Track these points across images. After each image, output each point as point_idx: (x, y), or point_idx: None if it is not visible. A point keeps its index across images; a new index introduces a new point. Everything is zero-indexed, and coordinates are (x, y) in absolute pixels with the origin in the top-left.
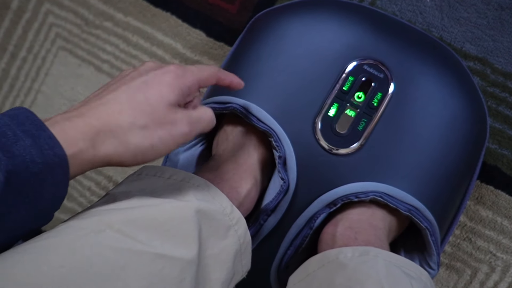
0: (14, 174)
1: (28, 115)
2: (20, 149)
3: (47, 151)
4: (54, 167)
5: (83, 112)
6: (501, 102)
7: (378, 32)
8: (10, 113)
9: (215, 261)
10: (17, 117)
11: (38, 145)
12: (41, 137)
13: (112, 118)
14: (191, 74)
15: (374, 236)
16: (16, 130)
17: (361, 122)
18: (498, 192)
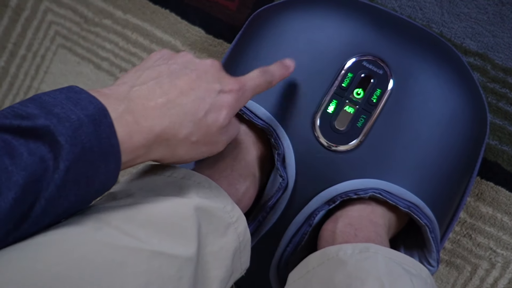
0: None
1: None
2: (82, 135)
3: (104, 140)
4: (108, 157)
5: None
6: (502, 98)
7: (377, 28)
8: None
9: (214, 259)
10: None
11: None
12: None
13: (173, 129)
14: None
15: (374, 232)
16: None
17: (360, 118)
18: (498, 188)
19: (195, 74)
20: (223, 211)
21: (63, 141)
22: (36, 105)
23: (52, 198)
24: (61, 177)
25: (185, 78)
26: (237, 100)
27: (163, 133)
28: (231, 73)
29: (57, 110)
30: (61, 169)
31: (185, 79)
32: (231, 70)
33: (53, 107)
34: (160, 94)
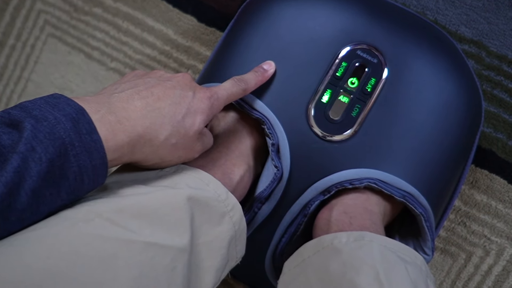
0: (56, 155)
1: (69, 102)
2: (61, 131)
3: (85, 136)
4: (92, 152)
5: (130, 115)
6: (496, 86)
7: (371, 16)
8: (50, 101)
9: (208, 249)
10: (57, 105)
11: (77, 129)
12: (80, 122)
13: (154, 130)
14: (220, 102)
15: (369, 220)
16: (57, 115)
17: (354, 108)
18: (492, 176)
19: (169, 84)
20: (217, 200)
21: (41, 137)
22: (18, 110)
23: (36, 188)
24: (44, 169)
25: (160, 86)
26: (210, 107)
27: (145, 134)
28: (224, 62)
29: (35, 112)
30: (44, 161)
31: (160, 87)
32: (224, 60)
33: (32, 110)
34: (138, 98)
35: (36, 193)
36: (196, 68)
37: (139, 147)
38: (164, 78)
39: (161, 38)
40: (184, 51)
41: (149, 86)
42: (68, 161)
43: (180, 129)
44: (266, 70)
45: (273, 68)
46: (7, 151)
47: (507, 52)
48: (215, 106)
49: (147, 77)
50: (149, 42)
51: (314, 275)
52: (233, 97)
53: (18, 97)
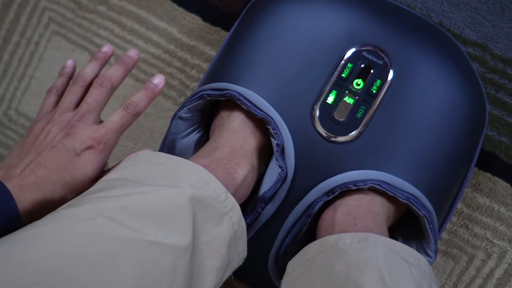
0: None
1: None
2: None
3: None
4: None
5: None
6: (500, 89)
7: (377, 17)
8: None
9: (209, 248)
10: None
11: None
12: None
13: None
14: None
15: (373, 222)
16: None
17: (359, 109)
18: (495, 179)
19: (53, 147)
20: (217, 200)
21: None
22: None
23: None
24: None
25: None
26: (100, 152)
27: (40, 203)
28: (229, 62)
29: None
30: None
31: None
32: (229, 59)
33: None
34: (30, 174)
35: None
36: (201, 68)
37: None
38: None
39: (166, 37)
40: (189, 50)
41: (37, 155)
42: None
43: (72, 187)
44: (156, 85)
45: (163, 83)
46: None
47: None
48: (106, 148)
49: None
50: (154, 40)
51: (318, 276)
52: (124, 127)
53: (22, 94)
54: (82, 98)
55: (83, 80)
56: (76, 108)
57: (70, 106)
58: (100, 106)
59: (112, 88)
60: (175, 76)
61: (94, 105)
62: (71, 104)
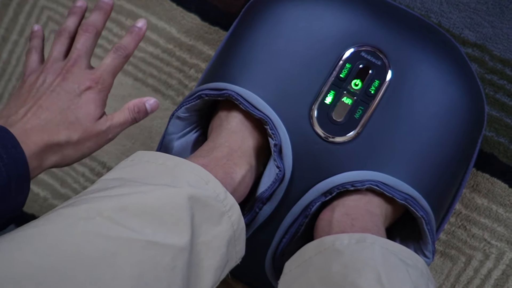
0: None
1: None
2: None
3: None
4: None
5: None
6: (499, 90)
7: (376, 18)
8: None
9: (208, 248)
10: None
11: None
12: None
13: (53, 139)
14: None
15: (371, 222)
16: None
17: (358, 110)
18: (494, 180)
19: (53, 91)
20: (216, 200)
21: None
22: None
23: None
24: None
25: (46, 97)
26: (99, 91)
27: (46, 145)
28: (228, 61)
29: None
30: None
31: (46, 98)
32: (228, 59)
33: None
34: (31, 116)
35: None
36: (199, 67)
37: (45, 157)
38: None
39: (164, 36)
40: (187, 49)
41: (37, 99)
42: None
43: (76, 127)
44: (140, 28)
45: (145, 25)
46: None
47: (511, 56)
48: (104, 88)
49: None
50: (152, 40)
51: (315, 276)
52: (119, 68)
53: None
54: (69, 49)
55: (68, 32)
56: (66, 58)
57: (59, 55)
58: (89, 52)
59: (97, 34)
60: (173, 75)
61: (85, 50)
62: (60, 54)
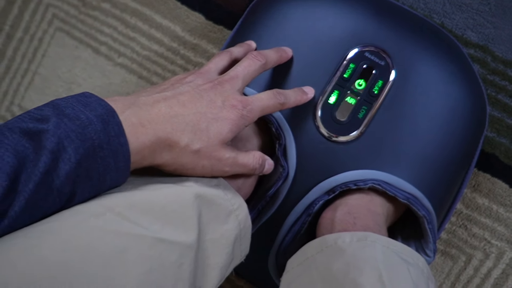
0: (85, 156)
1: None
2: (92, 132)
3: (113, 138)
4: (118, 154)
5: (153, 119)
6: (501, 90)
7: (379, 18)
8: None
9: (214, 246)
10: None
11: (107, 131)
12: (110, 123)
13: (175, 135)
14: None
15: (373, 221)
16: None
17: (361, 110)
18: (494, 180)
19: (199, 91)
20: (224, 199)
21: (73, 136)
22: (50, 107)
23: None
24: (72, 168)
25: (189, 94)
26: (241, 117)
27: (166, 138)
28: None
29: (68, 111)
30: (72, 161)
31: (188, 95)
32: None
33: (65, 108)
34: (163, 104)
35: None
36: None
37: (159, 151)
38: (197, 85)
39: (169, 35)
40: (191, 48)
41: (177, 93)
42: (95, 162)
43: (203, 136)
44: (306, 92)
45: (312, 94)
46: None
47: None
48: (247, 117)
49: (182, 84)
50: (157, 38)
51: (317, 274)
52: (269, 110)
53: (25, 90)
54: (228, 68)
55: (232, 53)
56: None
57: (215, 68)
58: (248, 77)
59: (264, 66)
60: (178, 73)
61: (245, 73)
62: (217, 67)
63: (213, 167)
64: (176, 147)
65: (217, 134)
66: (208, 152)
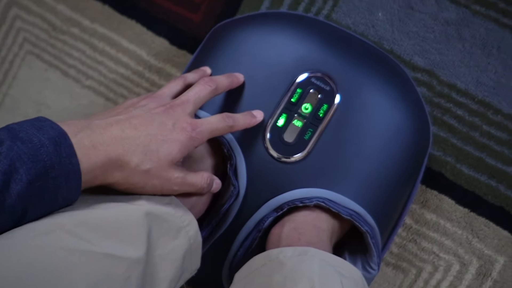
0: (36, 177)
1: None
2: (43, 154)
3: (64, 159)
4: (69, 174)
5: (105, 141)
6: (446, 112)
7: (327, 46)
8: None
9: (164, 260)
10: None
11: (58, 153)
12: (62, 145)
13: (126, 156)
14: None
15: (317, 237)
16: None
17: (307, 132)
18: (442, 196)
19: (149, 116)
20: (174, 216)
21: (25, 158)
22: (5, 131)
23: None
24: (23, 188)
25: (141, 117)
26: (190, 138)
27: (117, 159)
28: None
29: (22, 134)
30: (24, 181)
31: (140, 118)
32: None
33: (19, 132)
34: (116, 127)
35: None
36: None
37: (110, 171)
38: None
39: (135, 59)
40: (156, 71)
41: (130, 116)
42: (47, 182)
43: (153, 157)
44: (255, 116)
45: (261, 117)
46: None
47: (456, 81)
48: (196, 139)
49: (135, 108)
50: (123, 62)
51: (259, 286)
52: (218, 132)
53: None
54: (181, 93)
55: (186, 79)
56: None
57: (169, 93)
58: (199, 102)
59: (214, 91)
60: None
61: (196, 98)
62: (170, 92)
63: (162, 186)
64: (127, 167)
65: (167, 155)
66: (158, 172)
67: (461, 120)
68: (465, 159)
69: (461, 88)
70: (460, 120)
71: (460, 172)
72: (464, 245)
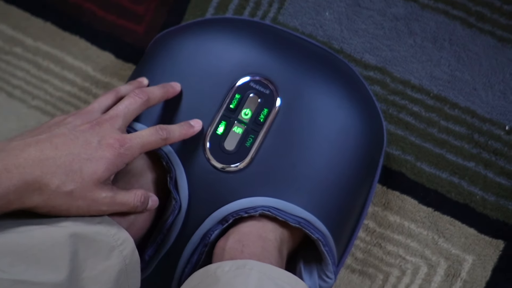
0: None
1: None
2: None
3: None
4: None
5: (21, 163)
6: (402, 109)
7: (267, 48)
8: None
9: (93, 282)
10: None
11: None
12: None
13: (44, 178)
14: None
15: (261, 248)
16: None
17: (248, 138)
18: (404, 197)
19: (73, 134)
20: (106, 235)
21: None
22: None
23: None
24: None
25: (64, 136)
26: (118, 155)
27: (34, 182)
28: None
29: None
30: None
31: (63, 137)
32: None
33: None
34: (34, 148)
35: None
36: None
37: (27, 195)
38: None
39: (81, 75)
40: (103, 86)
41: (51, 136)
42: None
43: (76, 177)
44: (192, 126)
45: (200, 127)
46: None
47: (410, 77)
48: (124, 155)
49: (59, 126)
50: (69, 79)
51: None
52: (150, 146)
53: None
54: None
55: (118, 92)
56: None
57: (99, 108)
58: (129, 116)
59: (146, 103)
60: None
61: (126, 112)
62: (100, 107)
63: (89, 207)
64: (47, 190)
65: (92, 174)
66: (83, 193)
67: (418, 117)
68: (425, 156)
69: (415, 84)
70: (416, 117)
71: (421, 171)
72: (431, 246)
